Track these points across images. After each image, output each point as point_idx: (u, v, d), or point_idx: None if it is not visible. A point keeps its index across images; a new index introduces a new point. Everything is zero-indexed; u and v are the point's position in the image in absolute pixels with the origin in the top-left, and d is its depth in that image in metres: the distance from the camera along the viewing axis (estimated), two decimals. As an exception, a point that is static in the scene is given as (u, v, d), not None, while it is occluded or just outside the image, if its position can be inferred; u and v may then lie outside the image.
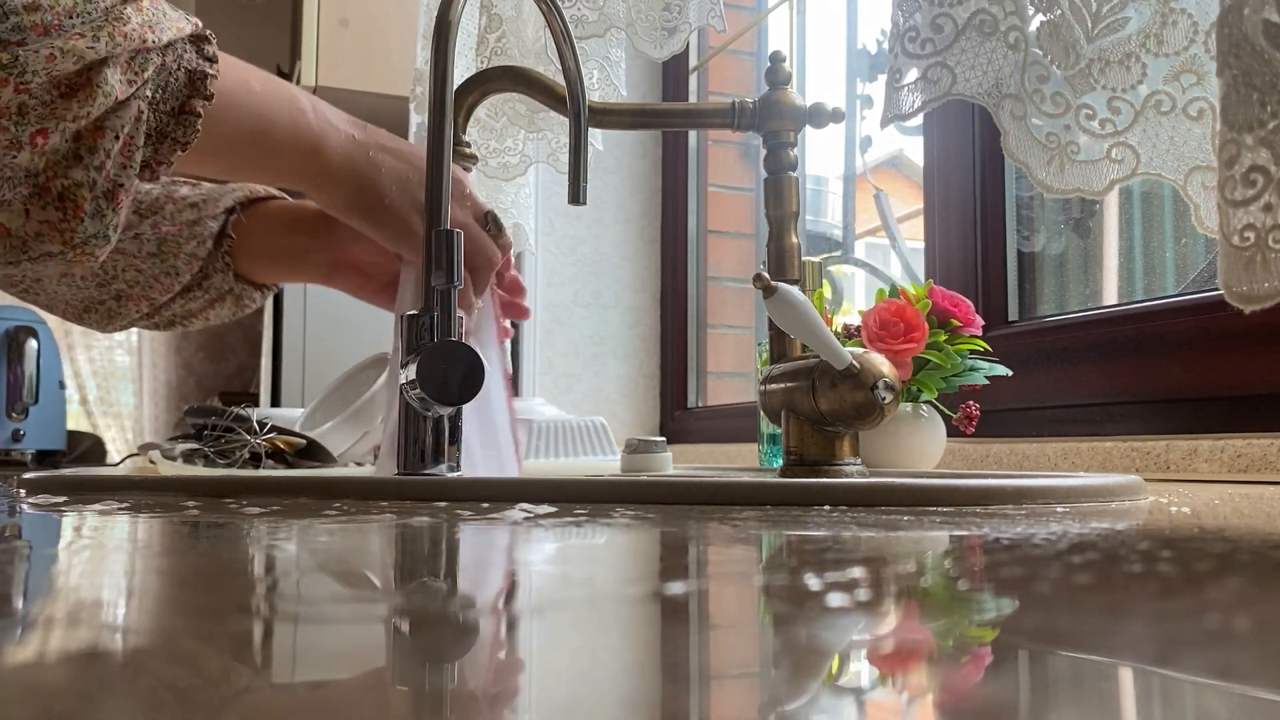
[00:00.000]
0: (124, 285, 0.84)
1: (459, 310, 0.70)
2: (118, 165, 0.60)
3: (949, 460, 1.12)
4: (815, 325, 0.69)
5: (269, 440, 0.97)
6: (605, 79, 1.36)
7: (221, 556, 0.35)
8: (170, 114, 0.62)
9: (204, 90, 0.63)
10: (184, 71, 0.62)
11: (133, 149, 0.60)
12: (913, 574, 0.30)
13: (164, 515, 0.47)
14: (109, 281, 0.84)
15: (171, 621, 0.23)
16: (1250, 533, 0.41)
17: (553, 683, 0.18)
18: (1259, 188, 0.53)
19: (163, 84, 0.61)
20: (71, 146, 0.58)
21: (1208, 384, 0.97)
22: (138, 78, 0.59)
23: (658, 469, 0.96)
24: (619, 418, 2.00)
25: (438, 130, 0.69)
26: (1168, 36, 0.77)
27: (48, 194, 0.58)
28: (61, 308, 0.86)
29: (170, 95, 0.62)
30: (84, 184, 0.59)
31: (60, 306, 0.86)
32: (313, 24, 1.98)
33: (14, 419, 2.28)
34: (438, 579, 0.30)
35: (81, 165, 0.58)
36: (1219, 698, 0.17)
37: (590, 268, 2.03)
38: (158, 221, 0.83)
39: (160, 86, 0.61)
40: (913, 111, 0.84)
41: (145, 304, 0.85)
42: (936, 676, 0.18)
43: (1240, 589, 0.27)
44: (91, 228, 0.60)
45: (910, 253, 1.69)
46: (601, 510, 0.50)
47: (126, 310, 0.86)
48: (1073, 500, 0.56)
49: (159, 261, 0.83)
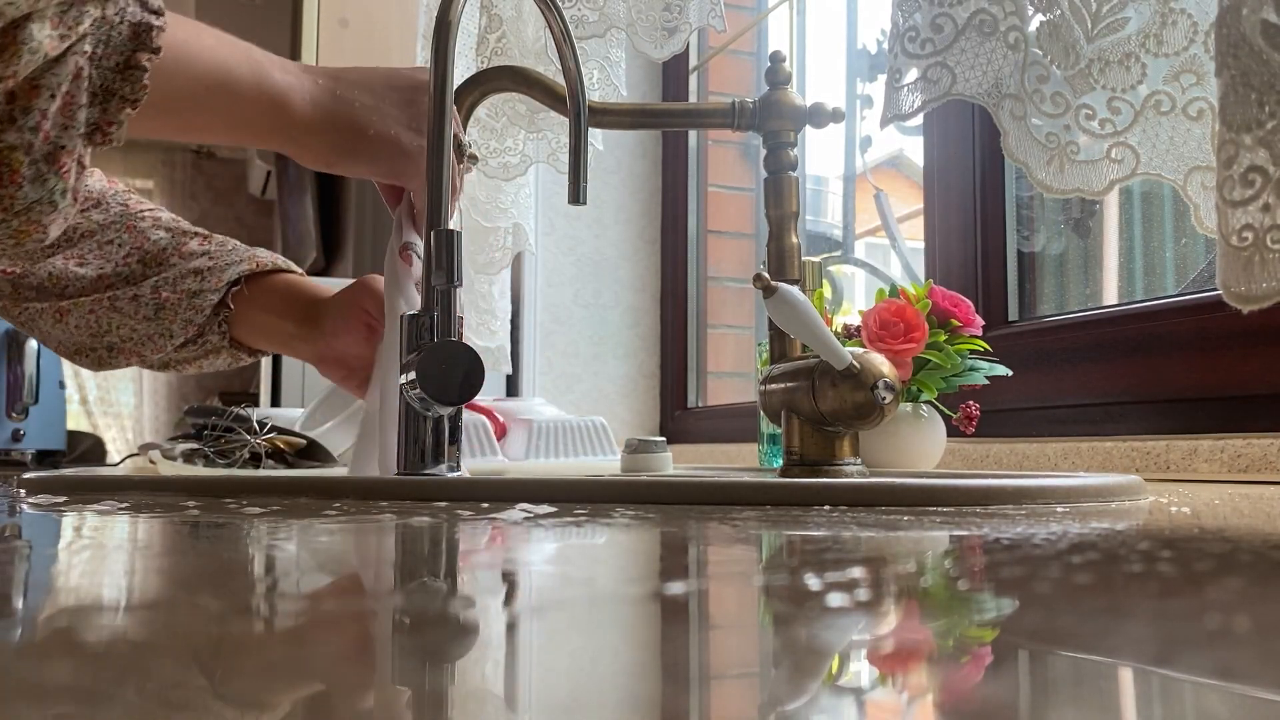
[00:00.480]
0: (116, 340, 0.84)
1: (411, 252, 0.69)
2: (57, 126, 0.56)
3: (949, 460, 1.12)
4: (815, 325, 0.69)
5: (269, 440, 0.97)
6: (605, 79, 1.36)
7: (221, 556, 0.35)
8: (115, 70, 0.58)
9: (149, 43, 0.59)
10: (127, 25, 0.58)
11: (74, 108, 0.56)
12: (913, 574, 0.30)
13: (164, 515, 0.47)
14: (101, 335, 0.84)
15: (172, 621, 0.23)
16: (1250, 533, 0.41)
17: (553, 683, 0.18)
18: (1257, 188, 0.53)
19: (104, 38, 0.57)
20: (4, 108, 0.54)
21: (1208, 384, 0.97)
22: (71, 32, 0.54)
23: (658, 469, 0.96)
24: (619, 418, 2.00)
25: (438, 130, 0.69)
26: (1167, 37, 0.77)
27: None
28: (54, 345, 0.87)
29: (113, 50, 0.58)
30: (19, 146, 0.55)
31: (53, 344, 0.87)
32: (313, 24, 1.98)
33: (14, 419, 2.28)
34: (438, 579, 0.30)
35: (15, 128, 0.54)
36: (1219, 698, 0.17)
37: (590, 268, 2.03)
38: (159, 285, 0.82)
39: (102, 41, 0.57)
40: (912, 111, 0.84)
41: (136, 359, 0.85)
42: (936, 676, 0.18)
43: (1240, 589, 0.27)
44: (32, 193, 0.56)
45: (910, 253, 1.69)
46: (601, 510, 0.50)
47: (117, 360, 0.86)
48: (1073, 500, 0.56)
49: (154, 324, 0.83)
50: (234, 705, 0.16)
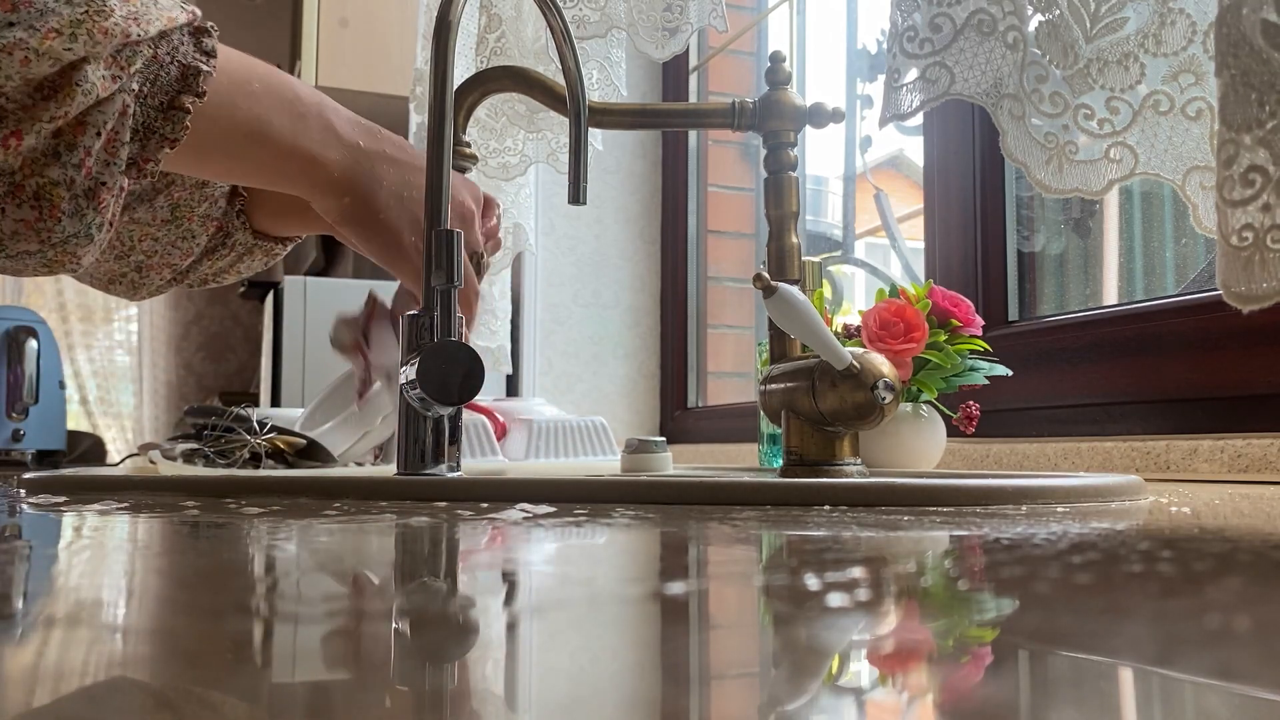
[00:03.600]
0: (142, 256, 0.82)
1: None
2: (100, 162, 0.56)
3: (949, 460, 1.12)
4: (815, 325, 0.69)
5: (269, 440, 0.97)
6: (605, 79, 1.36)
7: (221, 556, 0.35)
8: (159, 109, 0.58)
9: (196, 86, 0.59)
10: (177, 65, 0.59)
11: (117, 145, 0.57)
12: (913, 574, 0.30)
13: (164, 515, 0.47)
14: (127, 254, 0.82)
15: (172, 621, 0.23)
16: (1250, 533, 0.41)
17: (553, 682, 0.18)
18: (1257, 188, 0.53)
19: (152, 77, 0.58)
20: (50, 143, 0.55)
21: (1208, 384, 0.97)
22: (124, 72, 0.55)
23: (658, 469, 0.96)
24: (619, 418, 2.00)
25: (438, 130, 0.69)
26: (1166, 36, 0.77)
27: (22, 192, 0.55)
28: (87, 279, 0.85)
29: (160, 89, 0.58)
30: (61, 182, 0.55)
31: (85, 278, 0.84)
32: (313, 24, 1.98)
33: (14, 419, 2.28)
34: (438, 579, 0.30)
35: (59, 163, 0.55)
36: (1219, 698, 0.17)
37: (590, 268, 2.03)
38: (170, 191, 0.81)
39: (149, 80, 0.58)
40: (911, 111, 0.84)
41: (168, 271, 0.84)
42: (936, 676, 0.18)
43: (1240, 589, 0.27)
44: (70, 227, 0.56)
45: (910, 253, 1.69)
46: (601, 510, 0.50)
47: (150, 279, 0.84)
48: (1073, 500, 0.56)
49: (174, 228, 0.81)
50: (233, 706, 0.16)
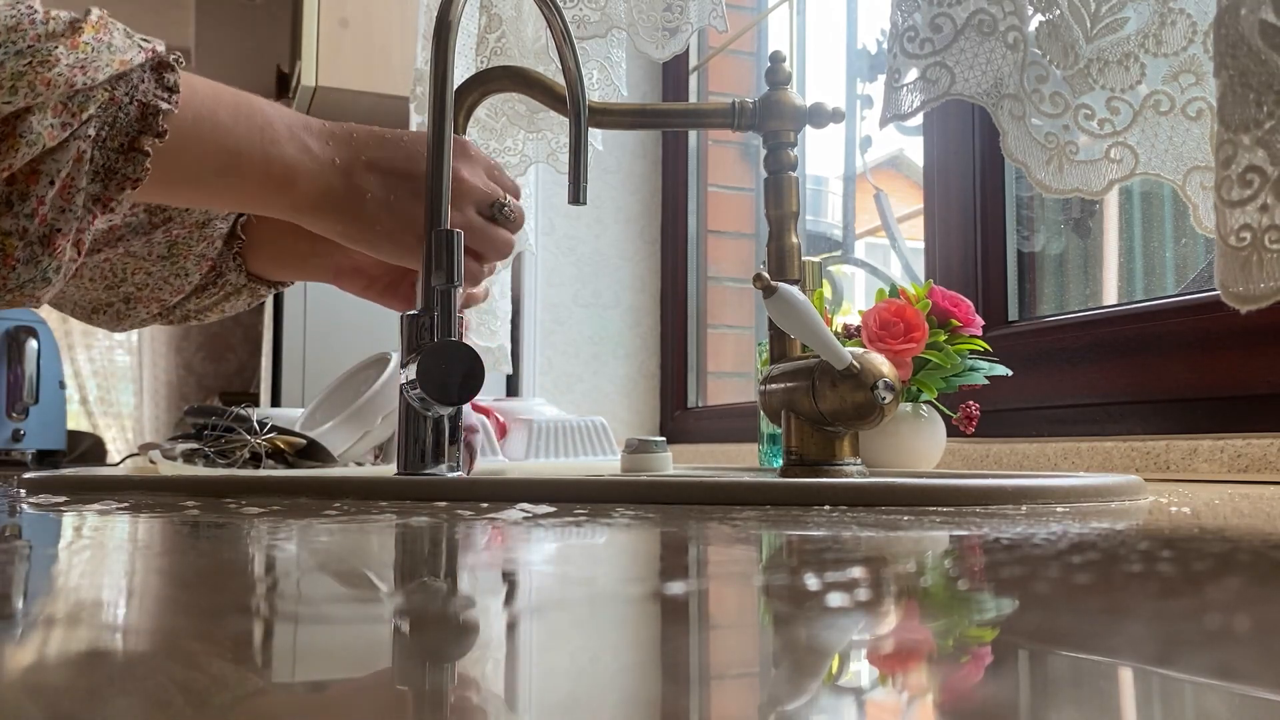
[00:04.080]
0: (133, 288, 0.82)
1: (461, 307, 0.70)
2: (55, 209, 0.55)
3: (949, 460, 1.12)
4: (815, 325, 0.69)
5: (269, 440, 0.97)
6: (605, 79, 1.36)
7: (221, 556, 0.35)
8: (119, 150, 0.57)
9: (156, 126, 0.58)
10: (136, 105, 0.57)
11: (73, 191, 0.56)
12: (913, 574, 0.30)
13: (164, 515, 0.47)
14: (117, 284, 0.81)
15: (172, 621, 0.23)
16: (1250, 533, 0.41)
17: (553, 682, 0.18)
18: (1255, 188, 0.53)
19: (110, 120, 0.57)
20: (3, 192, 0.54)
21: (1207, 384, 0.97)
22: (74, 119, 0.54)
23: (658, 469, 0.96)
24: (619, 418, 2.00)
25: (438, 130, 0.69)
26: (1166, 37, 0.77)
27: None
28: (70, 307, 0.84)
29: (119, 131, 0.57)
30: (13, 232, 0.54)
31: (68, 306, 0.84)
32: (313, 24, 1.98)
33: (14, 419, 2.28)
34: (438, 579, 0.30)
35: (11, 213, 0.54)
36: (1219, 698, 0.17)
37: (590, 268, 2.03)
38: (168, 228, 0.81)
39: (108, 123, 0.57)
40: (911, 111, 0.84)
41: (155, 305, 0.83)
42: (936, 676, 0.18)
43: (1240, 589, 0.27)
44: (25, 274, 0.56)
45: (910, 253, 1.69)
46: (601, 510, 0.50)
47: (136, 312, 0.84)
48: (1073, 500, 0.56)
49: (169, 264, 0.81)
50: (233, 706, 0.16)
